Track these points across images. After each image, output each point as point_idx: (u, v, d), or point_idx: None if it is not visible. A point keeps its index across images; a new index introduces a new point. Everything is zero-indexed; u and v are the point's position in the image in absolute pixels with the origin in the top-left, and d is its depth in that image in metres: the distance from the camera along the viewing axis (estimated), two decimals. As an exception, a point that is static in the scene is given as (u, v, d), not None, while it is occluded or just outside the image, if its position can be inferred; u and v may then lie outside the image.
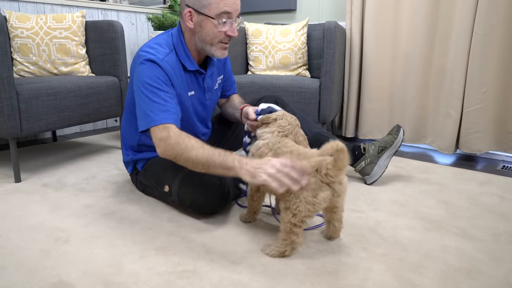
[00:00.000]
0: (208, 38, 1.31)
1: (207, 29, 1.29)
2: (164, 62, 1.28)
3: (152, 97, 1.25)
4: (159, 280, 1.00)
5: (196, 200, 1.29)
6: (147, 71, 1.26)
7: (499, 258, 1.12)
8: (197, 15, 1.28)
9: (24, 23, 2.04)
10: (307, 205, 1.04)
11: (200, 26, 1.30)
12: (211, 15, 1.27)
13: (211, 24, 1.28)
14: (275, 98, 1.67)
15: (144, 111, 1.26)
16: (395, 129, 1.70)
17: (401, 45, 2.26)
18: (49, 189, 1.62)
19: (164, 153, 1.23)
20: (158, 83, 1.26)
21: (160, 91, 1.26)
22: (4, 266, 1.05)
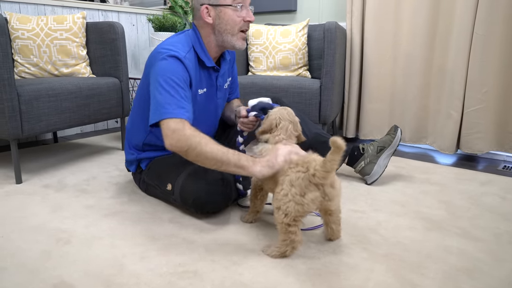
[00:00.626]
0: (229, 27, 1.34)
1: (226, 18, 1.33)
2: (186, 60, 1.29)
3: (171, 91, 1.23)
4: (161, 281, 1.00)
5: (198, 198, 1.29)
6: (170, 66, 1.25)
7: (501, 258, 1.12)
8: (214, 8, 1.32)
9: (25, 24, 2.05)
10: (296, 205, 1.04)
11: (219, 18, 1.33)
12: (227, 3, 1.31)
13: (230, 11, 1.33)
14: (275, 99, 1.68)
15: (161, 104, 1.22)
16: (392, 129, 1.71)
17: (401, 46, 2.26)
18: (50, 190, 1.62)
19: (176, 145, 1.18)
20: (179, 80, 1.26)
21: (180, 88, 1.25)
22: (6, 267, 1.05)
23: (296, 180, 1.06)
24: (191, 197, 1.31)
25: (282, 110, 1.25)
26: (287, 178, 1.08)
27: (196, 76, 1.37)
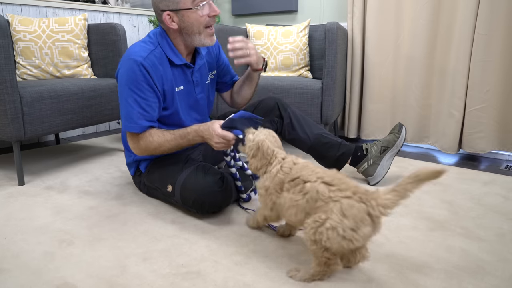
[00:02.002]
0: (195, 28, 1.35)
1: (191, 21, 1.33)
2: (147, 60, 1.31)
3: (130, 102, 1.33)
4: (163, 281, 1.00)
5: (198, 199, 1.30)
6: (129, 72, 1.31)
7: (504, 258, 1.11)
8: (176, 14, 1.32)
9: (27, 26, 2.05)
10: (343, 240, 0.89)
11: (183, 22, 1.34)
12: (188, 7, 1.31)
13: (192, 15, 1.32)
14: (275, 101, 1.67)
15: (123, 114, 1.36)
16: (397, 127, 1.69)
17: (403, 45, 2.26)
18: (52, 192, 1.62)
19: (139, 154, 1.42)
20: (138, 88, 1.32)
21: (139, 97, 1.32)
22: (9, 269, 1.06)
23: (349, 210, 0.90)
24: (191, 197, 1.31)
25: (270, 137, 1.14)
26: (336, 206, 0.91)
27: (169, 74, 1.39)
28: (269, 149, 1.11)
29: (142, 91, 1.32)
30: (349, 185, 0.95)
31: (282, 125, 1.66)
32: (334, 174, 0.99)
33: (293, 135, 1.66)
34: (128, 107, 1.33)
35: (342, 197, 0.92)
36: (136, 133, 1.36)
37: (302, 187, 1.00)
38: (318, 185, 0.96)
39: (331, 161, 1.69)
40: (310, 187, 0.98)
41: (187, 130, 1.34)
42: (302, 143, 1.67)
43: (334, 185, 0.95)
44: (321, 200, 0.95)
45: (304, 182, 1.00)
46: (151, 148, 1.37)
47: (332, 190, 0.94)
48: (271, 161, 1.11)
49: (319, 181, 0.97)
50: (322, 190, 0.95)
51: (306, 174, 1.02)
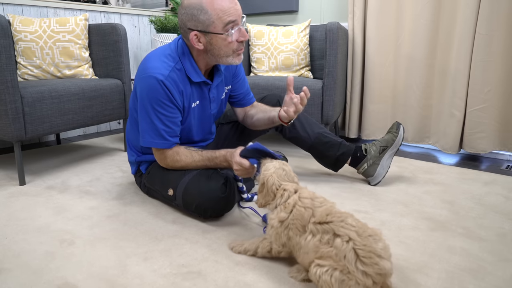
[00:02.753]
0: (222, 52, 1.30)
1: (219, 45, 1.29)
2: (168, 79, 1.29)
3: (153, 119, 1.33)
4: (164, 281, 1.00)
5: (201, 204, 1.29)
6: (151, 90, 1.29)
7: (505, 258, 1.11)
8: (204, 35, 1.28)
9: (28, 26, 2.06)
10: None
11: (211, 45, 1.29)
12: (218, 32, 1.26)
13: (221, 40, 1.27)
14: (277, 98, 1.68)
15: (145, 129, 1.36)
16: (394, 126, 1.68)
17: (403, 45, 2.26)
18: (53, 192, 1.62)
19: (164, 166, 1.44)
20: (160, 106, 1.31)
21: (162, 115, 1.32)
22: (10, 269, 1.06)
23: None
24: (193, 202, 1.31)
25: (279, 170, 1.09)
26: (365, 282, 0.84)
27: (187, 90, 1.37)
28: (274, 185, 1.06)
29: (164, 108, 1.31)
30: (380, 271, 0.85)
31: None
32: (369, 244, 0.87)
33: (294, 133, 1.67)
34: (150, 124, 1.33)
35: (359, 283, 0.84)
36: (161, 149, 1.38)
37: (331, 239, 0.91)
38: (348, 251, 0.87)
39: (331, 161, 1.70)
40: (340, 246, 0.89)
41: (216, 154, 1.36)
42: (303, 141, 1.67)
43: (366, 264, 0.85)
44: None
45: (334, 235, 0.91)
46: (177, 166, 1.39)
47: (364, 263, 0.85)
48: (277, 195, 1.05)
49: (351, 245, 0.88)
50: (349, 259, 0.87)
51: (337, 222, 0.92)
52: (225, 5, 1.24)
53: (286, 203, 1.02)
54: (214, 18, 1.23)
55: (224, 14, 1.24)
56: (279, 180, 1.06)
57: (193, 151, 1.39)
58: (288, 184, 1.06)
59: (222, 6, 1.23)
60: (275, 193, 1.06)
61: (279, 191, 1.05)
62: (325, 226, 0.93)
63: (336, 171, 1.75)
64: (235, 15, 1.26)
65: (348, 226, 0.90)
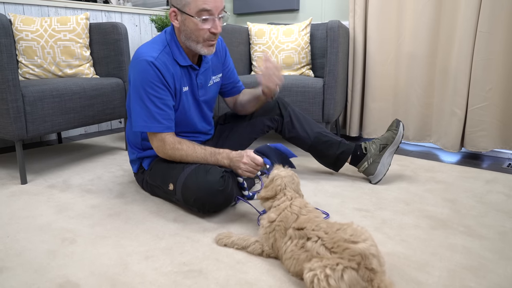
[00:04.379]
0: (193, 36, 1.34)
1: (190, 27, 1.32)
2: (158, 60, 1.32)
3: (146, 103, 1.33)
4: (165, 280, 1.00)
5: (199, 198, 1.30)
6: (142, 73, 1.32)
7: (507, 256, 1.11)
8: (180, 14, 1.31)
9: (29, 26, 2.06)
10: None
11: (184, 25, 1.33)
12: (191, 14, 1.29)
13: (192, 22, 1.30)
14: (276, 99, 1.67)
15: (140, 114, 1.35)
16: (394, 124, 1.68)
17: (404, 43, 2.26)
18: (55, 190, 1.62)
19: (162, 156, 1.42)
20: (152, 89, 1.32)
21: (155, 97, 1.33)
22: (12, 267, 1.06)
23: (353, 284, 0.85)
24: (192, 197, 1.31)
25: (289, 177, 1.16)
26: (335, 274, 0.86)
27: (177, 74, 1.39)
28: (280, 186, 1.13)
29: (156, 91, 1.32)
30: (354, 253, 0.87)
31: (282, 123, 1.67)
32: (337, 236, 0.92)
33: (293, 133, 1.67)
34: (144, 107, 1.34)
35: (346, 267, 0.86)
36: (161, 134, 1.36)
37: (304, 243, 0.97)
38: (318, 247, 0.93)
39: (331, 160, 1.70)
40: (311, 247, 0.94)
41: (219, 150, 1.38)
42: (302, 141, 1.68)
43: (337, 253, 0.89)
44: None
45: (307, 239, 0.97)
46: (177, 155, 1.38)
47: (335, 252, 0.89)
48: (277, 196, 1.12)
49: (319, 242, 0.93)
50: (322, 254, 0.92)
51: (310, 228, 0.98)
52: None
53: (278, 206, 1.09)
54: (189, 0, 1.27)
55: (199, 0, 1.27)
56: (286, 184, 1.13)
57: (196, 144, 1.40)
58: (290, 191, 1.13)
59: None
60: (277, 193, 1.13)
61: (280, 193, 1.13)
62: (301, 232, 0.99)
63: (337, 170, 1.75)
64: (212, 5, 1.28)
65: (318, 229, 0.97)
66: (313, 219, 1.01)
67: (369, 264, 0.86)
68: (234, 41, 2.41)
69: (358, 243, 0.88)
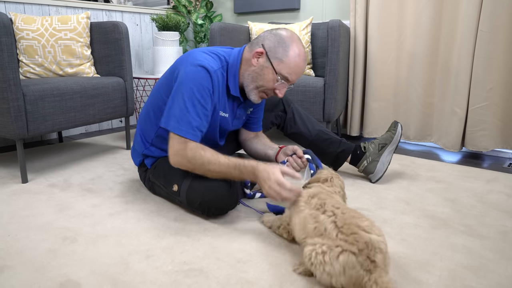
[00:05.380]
0: (259, 83, 1.33)
1: (266, 76, 1.32)
2: (216, 74, 1.30)
3: (188, 105, 1.25)
4: (166, 279, 1.00)
5: (205, 202, 1.29)
6: (197, 75, 1.26)
7: (507, 255, 1.11)
8: (266, 59, 1.31)
9: (30, 25, 2.06)
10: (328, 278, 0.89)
11: (261, 70, 1.32)
12: (276, 70, 1.30)
13: (271, 76, 1.31)
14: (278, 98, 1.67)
15: (174, 113, 1.26)
16: (392, 125, 1.70)
17: (405, 43, 2.26)
18: (55, 189, 1.63)
19: (179, 165, 1.29)
20: (201, 94, 1.26)
21: (199, 104, 1.26)
22: (13, 266, 1.06)
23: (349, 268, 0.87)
24: (197, 200, 1.30)
25: (336, 175, 1.21)
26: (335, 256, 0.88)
27: (223, 97, 1.37)
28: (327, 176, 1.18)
29: (203, 98, 1.27)
30: (360, 239, 0.88)
31: (285, 119, 1.70)
32: (352, 220, 0.93)
33: (295, 129, 1.70)
34: (184, 109, 1.25)
35: (344, 250, 0.88)
36: (185, 139, 1.26)
37: (318, 215, 0.99)
38: (329, 223, 0.95)
39: (331, 158, 1.71)
40: (322, 220, 0.97)
41: (244, 163, 1.24)
42: (303, 137, 1.70)
43: (343, 233, 0.91)
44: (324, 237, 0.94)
45: (323, 212, 0.99)
46: (197, 163, 1.25)
47: (343, 233, 0.91)
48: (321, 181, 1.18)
49: (332, 219, 0.95)
50: (329, 231, 0.93)
51: (330, 203, 1.00)
52: (299, 64, 1.31)
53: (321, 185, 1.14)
54: (286, 62, 1.29)
55: (292, 69, 1.31)
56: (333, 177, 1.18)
57: (220, 154, 1.28)
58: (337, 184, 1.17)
59: (297, 64, 1.31)
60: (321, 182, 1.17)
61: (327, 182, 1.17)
62: (322, 203, 1.02)
63: (336, 169, 1.75)
64: (294, 78, 1.34)
65: (338, 207, 0.99)
66: (339, 202, 1.04)
67: (372, 256, 0.86)
68: (235, 40, 2.40)
69: (370, 234, 0.90)
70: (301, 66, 1.32)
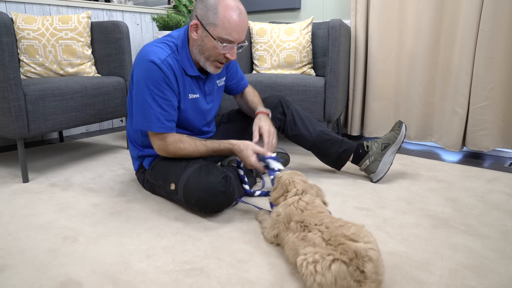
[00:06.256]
0: (207, 53, 1.34)
1: (207, 46, 1.33)
2: (164, 63, 1.31)
3: (150, 102, 1.32)
4: (167, 278, 1.00)
5: (201, 199, 1.30)
6: (148, 72, 1.31)
7: (508, 255, 1.11)
8: (203, 29, 1.31)
9: (31, 24, 2.06)
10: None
11: (202, 40, 1.33)
12: (214, 36, 1.29)
13: (212, 43, 1.31)
14: (278, 98, 1.68)
15: (142, 112, 1.35)
16: (397, 125, 1.68)
17: (406, 43, 2.25)
18: (56, 189, 1.63)
19: (164, 155, 1.42)
20: (157, 88, 1.31)
21: (159, 97, 1.32)
22: (14, 265, 1.06)
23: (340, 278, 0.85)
24: (194, 197, 1.31)
25: (293, 173, 1.22)
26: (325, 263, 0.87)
27: (182, 81, 1.39)
28: (288, 179, 1.18)
29: (161, 90, 1.31)
30: (348, 249, 0.87)
31: (284, 122, 1.68)
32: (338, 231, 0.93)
33: (295, 131, 1.68)
34: (147, 107, 1.32)
35: (336, 258, 0.87)
36: (162, 134, 1.36)
37: (305, 236, 0.99)
38: (316, 238, 0.95)
39: (333, 158, 1.70)
40: (310, 238, 0.96)
41: (220, 146, 1.39)
42: (304, 139, 1.68)
43: (331, 245, 0.90)
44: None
45: (309, 232, 0.99)
46: (180, 154, 1.39)
47: (330, 245, 0.91)
48: (288, 189, 1.17)
49: (319, 234, 0.95)
50: (318, 243, 0.93)
51: (312, 222, 1.00)
52: (234, 22, 1.28)
53: (286, 201, 1.13)
54: (219, 24, 1.28)
55: (228, 29, 1.28)
56: (293, 178, 1.18)
57: (197, 140, 1.40)
58: (299, 183, 1.17)
59: (232, 21, 1.27)
60: (288, 189, 1.17)
61: (290, 185, 1.16)
62: (303, 225, 1.02)
63: (339, 169, 1.75)
64: (236, 38, 1.31)
65: (320, 223, 0.99)
66: (317, 215, 1.04)
67: (361, 265, 0.85)
68: (236, 40, 2.40)
69: (357, 242, 0.88)
70: (237, 23, 1.28)
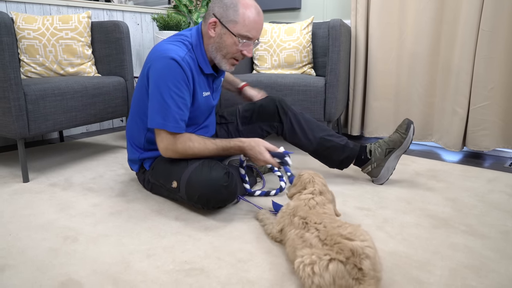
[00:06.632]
0: (224, 51, 1.37)
1: (226, 43, 1.35)
2: (184, 61, 1.32)
3: (167, 100, 1.31)
4: (167, 278, 1.00)
5: (204, 195, 1.30)
6: (168, 69, 1.30)
7: (508, 255, 1.11)
8: (221, 26, 1.33)
9: (31, 24, 2.06)
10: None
11: (220, 38, 1.35)
12: (233, 32, 1.32)
13: (231, 40, 1.34)
14: (275, 104, 1.64)
15: (159, 111, 1.32)
16: (404, 125, 1.59)
17: (406, 42, 2.25)
18: (56, 189, 1.63)
19: (170, 155, 1.39)
20: (176, 86, 1.31)
21: (177, 96, 1.31)
22: (14, 265, 1.06)
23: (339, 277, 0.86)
24: (196, 193, 1.31)
25: (315, 174, 1.22)
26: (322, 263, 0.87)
27: (198, 79, 1.40)
28: (308, 179, 1.19)
29: (179, 89, 1.31)
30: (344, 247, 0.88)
31: (282, 129, 1.66)
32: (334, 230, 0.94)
33: (296, 139, 1.64)
34: (164, 105, 1.31)
35: (333, 258, 0.87)
36: (174, 133, 1.34)
37: (303, 234, 1.00)
38: (313, 238, 0.96)
39: (335, 165, 1.67)
40: (307, 238, 0.98)
41: (230, 144, 1.38)
42: (305, 148, 1.65)
43: (327, 245, 0.91)
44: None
45: (307, 230, 1.00)
46: (189, 153, 1.36)
47: (326, 244, 0.92)
48: (306, 187, 1.17)
49: (315, 234, 0.96)
50: (315, 245, 0.94)
51: (312, 220, 1.01)
52: (253, 19, 1.33)
53: (299, 196, 1.14)
54: (239, 21, 1.31)
55: (248, 26, 1.32)
56: (314, 178, 1.19)
57: (206, 139, 1.39)
58: (319, 184, 1.17)
59: (251, 18, 1.32)
60: (306, 187, 1.17)
61: (309, 184, 1.17)
62: (304, 222, 1.03)
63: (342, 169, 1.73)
64: (255, 34, 1.36)
65: (319, 222, 1.00)
66: (320, 214, 1.04)
67: (359, 263, 0.85)
68: (236, 39, 2.40)
69: (353, 241, 0.89)
70: (256, 20, 1.34)
